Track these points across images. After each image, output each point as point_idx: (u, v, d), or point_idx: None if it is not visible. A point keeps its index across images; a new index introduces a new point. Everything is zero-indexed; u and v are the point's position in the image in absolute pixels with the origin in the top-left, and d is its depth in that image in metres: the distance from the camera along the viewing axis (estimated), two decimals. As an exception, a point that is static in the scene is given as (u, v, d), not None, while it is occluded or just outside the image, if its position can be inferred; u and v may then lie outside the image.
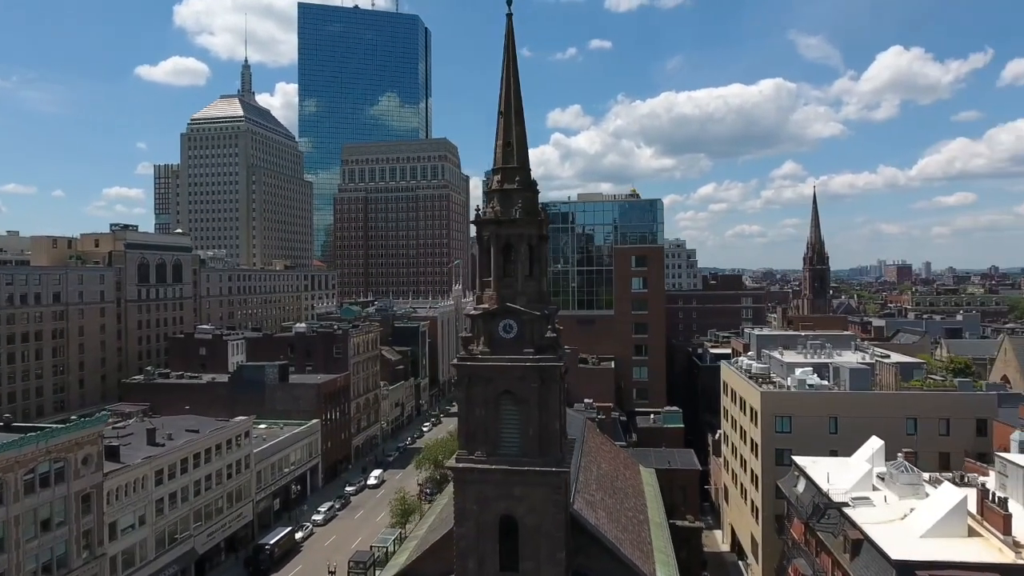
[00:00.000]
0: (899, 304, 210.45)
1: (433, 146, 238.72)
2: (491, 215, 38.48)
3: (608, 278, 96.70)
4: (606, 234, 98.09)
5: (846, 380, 61.50)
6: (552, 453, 37.22)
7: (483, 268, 39.78)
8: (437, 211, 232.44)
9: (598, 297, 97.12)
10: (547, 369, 37.17)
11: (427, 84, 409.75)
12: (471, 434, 37.83)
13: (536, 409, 37.17)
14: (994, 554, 34.24)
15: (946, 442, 58.73)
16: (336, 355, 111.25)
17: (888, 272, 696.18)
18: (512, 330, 38.05)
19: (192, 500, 68.07)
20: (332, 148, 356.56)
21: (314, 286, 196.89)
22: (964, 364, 76.28)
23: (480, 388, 37.60)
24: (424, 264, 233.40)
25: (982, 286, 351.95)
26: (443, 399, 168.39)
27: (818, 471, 49.07)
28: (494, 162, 40.03)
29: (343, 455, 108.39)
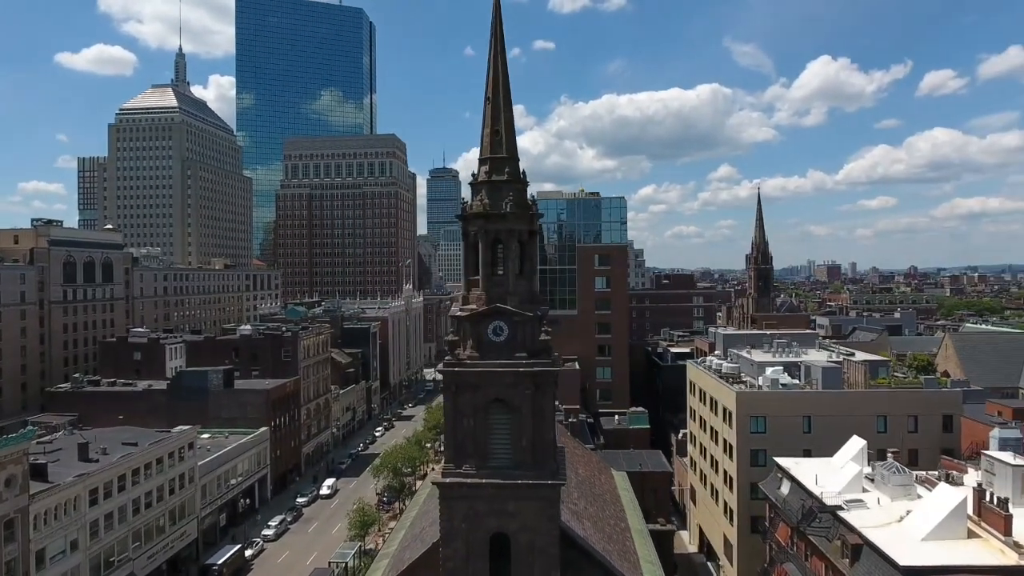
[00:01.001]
0: (838, 303, 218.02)
1: (381, 142, 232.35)
2: (479, 208, 35.58)
3: (570, 277, 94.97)
4: (568, 232, 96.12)
5: (818, 379, 61.46)
6: (547, 465, 34.62)
7: (469, 266, 36.84)
8: (385, 209, 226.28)
9: (561, 296, 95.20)
10: (542, 374, 34.55)
11: (371, 79, 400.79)
12: (458, 446, 34.81)
13: (530, 418, 34.51)
14: (997, 556, 33.72)
15: (914, 439, 59.35)
16: (285, 358, 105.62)
17: (819, 272, 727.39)
18: (503, 333, 35.25)
19: (130, 520, 62.28)
20: (270, 143, 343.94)
21: (256, 286, 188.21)
22: (926, 361, 78.13)
23: (468, 396, 34.63)
24: (372, 263, 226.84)
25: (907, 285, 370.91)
26: (395, 402, 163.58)
27: (802, 472, 48.33)
28: (480, 151, 37.14)
29: (293, 464, 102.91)
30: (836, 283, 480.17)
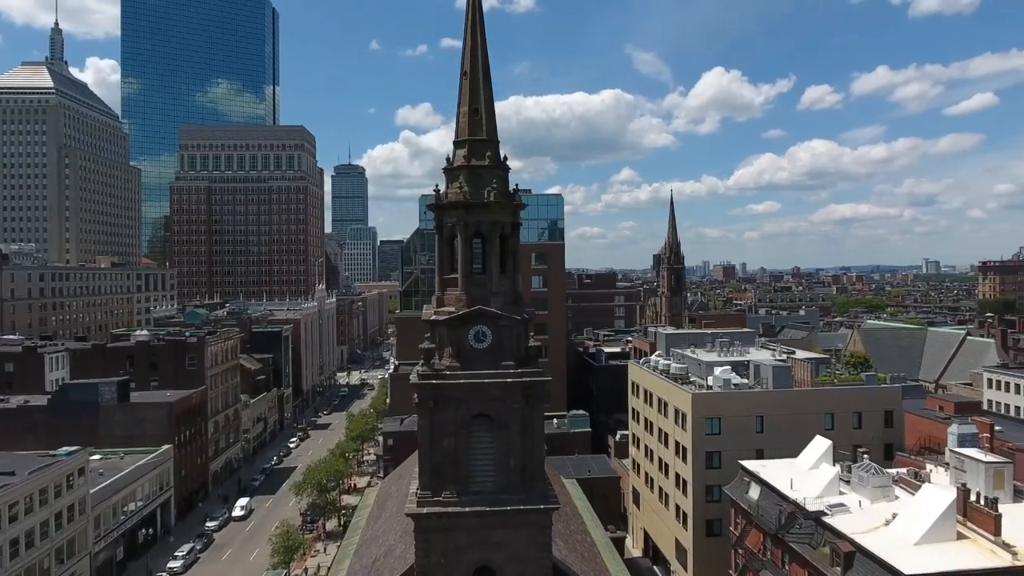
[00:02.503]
0: (744, 301, 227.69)
1: (288, 134, 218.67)
2: (458, 197, 31.13)
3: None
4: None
5: (768, 378, 61.22)
6: (537, 487, 30.76)
7: (444, 263, 32.32)
8: (293, 205, 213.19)
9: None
10: (532, 385, 30.66)
11: (274, 70, 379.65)
12: (435, 470, 30.24)
13: (518, 435, 30.51)
14: (989, 557, 33.22)
15: (858, 435, 60.12)
16: (190, 367, 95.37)
17: (715, 271, 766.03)
18: (486, 338, 31.04)
19: (7, 565, 52.52)
20: (159, 133, 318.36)
21: (149, 287, 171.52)
22: (864, 358, 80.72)
23: (448, 412, 30.16)
24: (279, 263, 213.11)
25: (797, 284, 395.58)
26: (309, 410, 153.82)
27: (771, 476, 47.23)
28: (456, 133, 32.70)
29: (200, 484, 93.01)
30: (733, 282, 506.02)
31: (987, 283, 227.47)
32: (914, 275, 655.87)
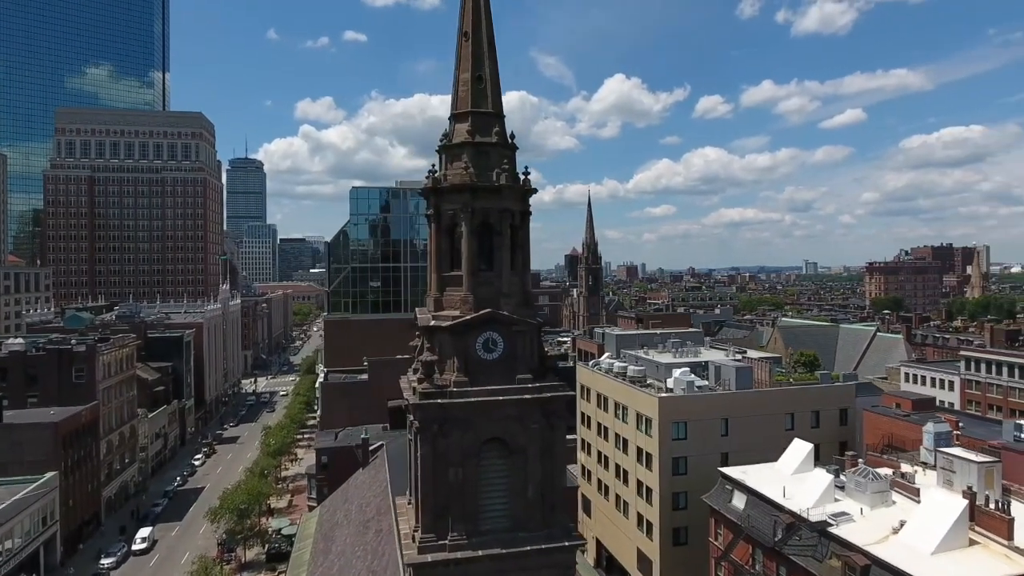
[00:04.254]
0: (660, 301, 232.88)
1: (185, 121, 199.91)
2: (462, 179, 26.10)
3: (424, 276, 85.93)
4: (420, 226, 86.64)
5: (730, 379, 59.83)
6: (559, 521, 26.34)
7: (443, 258, 27.18)
8: (191, 198, 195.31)
9: (414, 298, 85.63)
10: (552, 401, 26.18)
11: (164, 55, 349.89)
12: (439, 508, 25.08)
13: (537, 461, 25.95)
14: (1008, 564, 32.18)
15: (816, 434, 59.85)
16: (77, 380, 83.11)
17: (619, 272, 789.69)
18: (496, 347, 26.24)
19: None
20: (27, 118, 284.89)
21: (19, 287, 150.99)
22: (812, 356, 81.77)
23: (455, 437, 25.10)
24: (175, 260, 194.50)
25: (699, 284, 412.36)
26: (213, 422, 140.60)
27: (756, 483, 45.22)
28: (455, 104, 27.63)
29: (91, 513, 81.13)
30: (638, 282, 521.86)
31: (873, 282, 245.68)
32: (796, 275, 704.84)
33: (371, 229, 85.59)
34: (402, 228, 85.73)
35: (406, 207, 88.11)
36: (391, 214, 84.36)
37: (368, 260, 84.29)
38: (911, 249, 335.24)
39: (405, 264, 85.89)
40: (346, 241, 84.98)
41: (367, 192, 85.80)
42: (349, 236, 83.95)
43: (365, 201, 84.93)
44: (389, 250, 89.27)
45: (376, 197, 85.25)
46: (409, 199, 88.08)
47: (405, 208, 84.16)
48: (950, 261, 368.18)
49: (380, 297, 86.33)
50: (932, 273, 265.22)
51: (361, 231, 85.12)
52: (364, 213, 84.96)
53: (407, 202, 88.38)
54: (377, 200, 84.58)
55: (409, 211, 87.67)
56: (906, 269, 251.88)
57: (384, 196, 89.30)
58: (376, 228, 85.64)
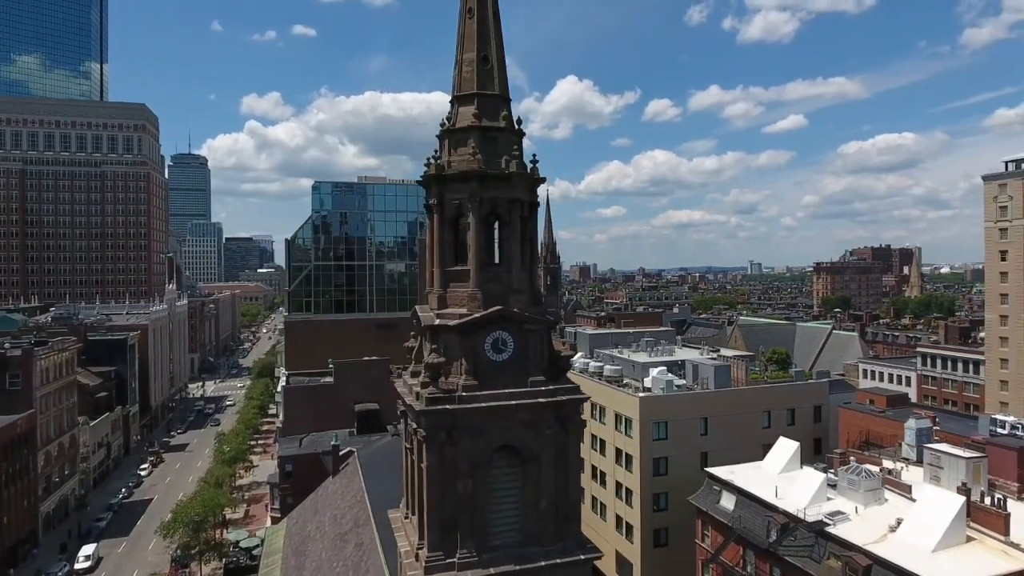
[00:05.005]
0: (619, 300, 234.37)
1: (127, 112, 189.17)
2: (470, 165, 24.13)
3: (412, 274, 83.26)
4: (412, 223, 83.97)
5: (709, 378, 59.48)
6: (573, 533, 24.65)
7: (446, 252, 25.14)
8: (133, 193, 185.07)
9: (402, 297, 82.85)
10: (567, 405, 24.49)
11: (102, 45, 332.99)
12: (447, 523, 23.05)
13: (551, 469, 24.19)
14: (1007, 560, 32.18)
15: (792, 432, 59.95)
16: (11, 386, 76.99)
17: (573, 272, 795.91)
18: (507, 348, 24.37)
19: None
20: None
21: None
22: (783, 354, 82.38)
23: (465, 445, 23.11)
24: (116, 259, 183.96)
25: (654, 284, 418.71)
26: (160, 429, 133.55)
27: (745, 483, 44.62)
28: (459, 86, 25.62)
29: (28, 531, 75.16)
30: (591, 281, 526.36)
31: (820, 282, 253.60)
32: (741, 275, 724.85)
33: (333, 226, 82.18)
34: (365, 225, 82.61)
35: (369, 203, 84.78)
36: (353, 210, 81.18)
37: (332, 258, 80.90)
38: (854, 250, 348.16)
39: (369, 263, 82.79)
40: (307, 238, 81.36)
41: (331, 187, 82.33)
42: (310, 233, 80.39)
43: (329, 197, 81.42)
44: (353, 248, 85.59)
45: (340, 193, 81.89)
46: (374, 195, 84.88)
47: (368, 204, 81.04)
48: (888, 261, 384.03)
49: (345, 296, 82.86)
50: (875, 273, 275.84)
51: (323, 228, 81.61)
52: (327, 209, 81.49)
53: (372, 198, 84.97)
54: (341, 196, 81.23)
55: (372, 207, 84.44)
56: (851, 269, 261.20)
57: (347, 192, 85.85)
58: (338, 225, 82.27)
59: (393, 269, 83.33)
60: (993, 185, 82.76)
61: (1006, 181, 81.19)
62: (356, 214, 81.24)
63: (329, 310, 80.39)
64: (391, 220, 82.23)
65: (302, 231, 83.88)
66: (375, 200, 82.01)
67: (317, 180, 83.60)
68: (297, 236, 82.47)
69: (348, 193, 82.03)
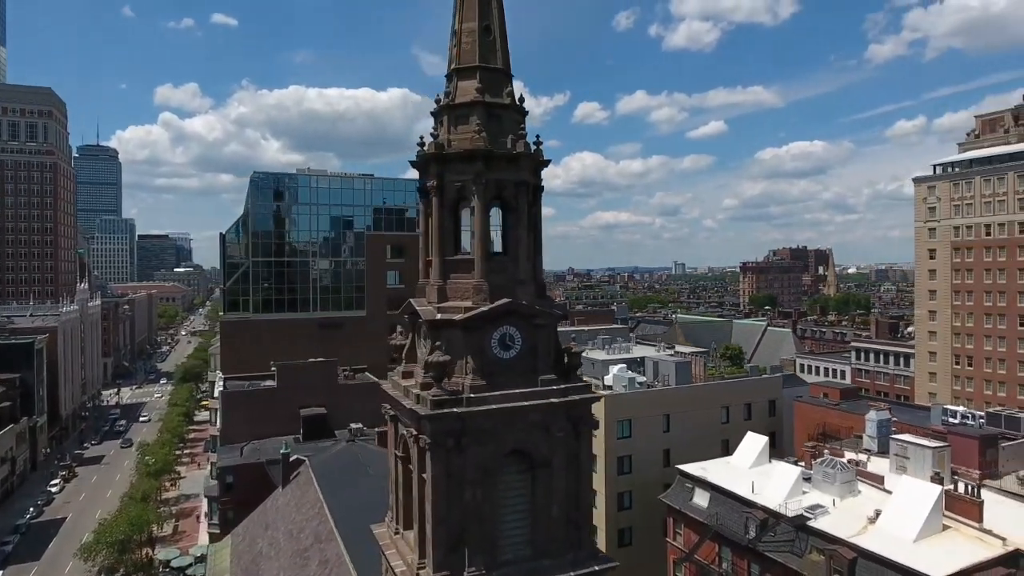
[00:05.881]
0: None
1: (31, 96, 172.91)
2: (476, 144, 21.98)
3: (357, 272, 79.43)
4: (356, 218, 79.87)
5: (669, 375, 59.34)
6: (585, 543, 22.96)
7: (445, 240, 22.96)
8: (37, 185, 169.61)
9: (347, 295, 78.82)
10: (579, 405, 22.76)
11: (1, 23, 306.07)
12: (455, 536, 20.87)
13: (562, 474, 22.39)
14: (984, 547, 32.89)
15: (749, 426, 60.76)
16: (-102, 398, 68.03)
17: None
18: (514, 344, 22.39)
19: None
20: None
21: None
22: (737, 350, 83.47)
23: (473, 452, 20.97)
24: (17, 256, 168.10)
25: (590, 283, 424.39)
26: (70, 441, 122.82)
27: (717, 479, 44.32)
28: (457, 58, 23.43)
29: (-81, 561, 66.67)
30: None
31: (747, 281, 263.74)
32: (666, 275, 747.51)
33: (272, 220, 77.28)
34: (308, 219, 78.12)
35: (311, 197, 79.73)
36: (295, 203, 76.50)
37: (272, 254, 76.03)
38: (776, 251, 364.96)
39: (312, 259, 78.35)
40: (244, 233, 76.15)
41: (271, 179, 77.35)
42: (247, 227, 75.22)
43: (268, 189, 76.43)
44: (295, 243, 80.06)
45: (282, 184, 77.04)
46: (317, 188, 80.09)
47: (310, 198, 76.46)
48: (805, 261, 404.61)
49: (286, 295, 77.87)
50: (795, 272, 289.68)
51: (262, 221, 76.57)
52: (265, 202, 76.48)
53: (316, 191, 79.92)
54: (283, 187, 76.44)
55: (316, 201, 79.66)
56: (774, 268, 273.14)
57: (288, 184, 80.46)
58: (278, 219, 77.40)
59: (338, 266, 79.24)
60: (923, 187, 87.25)
61: (935, 183, 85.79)
62: (299, 207, 76.65)
63: (269, 309, 75.55)
64: (336, 214, 78.17)
65: (238, 225, 78.55)
66: (319, 193, 77.68)
67: (255, 172, 78.32)
68: (232, 231, 77.15)
69: (290, 186, 77.36)
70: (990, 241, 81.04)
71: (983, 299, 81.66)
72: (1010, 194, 79.46)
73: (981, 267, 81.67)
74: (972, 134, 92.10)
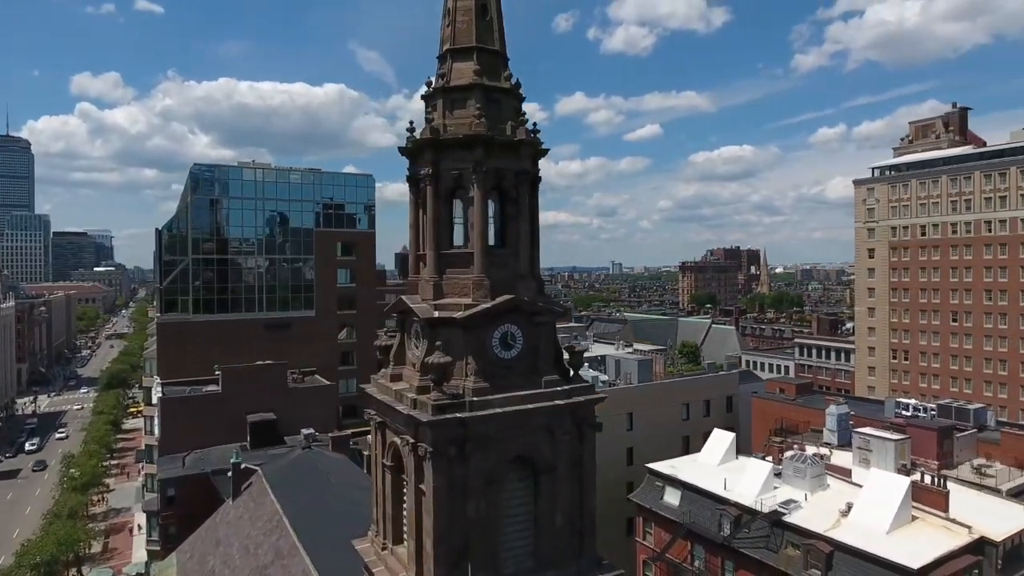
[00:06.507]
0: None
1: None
2: (479, 129, 20.51)
3: (309, 270, 75.86)
4: (303, 214, 76.11)
5: (632, 373, 59.27)
6: (589, 552, 21.87)
7: (441, 232, 21.40)
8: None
9: (295, 294, 75.09)
10: (584, 407, 21.68)
11: None
12: (458, 551, 19.39)
13: (566, 480, 21.24)
14: (952, 536, 33.82)
15: (708, 422, 61.58)
16: None
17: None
18: (515, 343, 21.08)
19: None
20: None
21: None
22: (693, 347, 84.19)
23: (477, 460, 19.53)
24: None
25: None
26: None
27: (688, 477, 44.27)
28: (452, 38, 21.92)
29: None
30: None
31: (686, 280, 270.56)
32: (604, 275, 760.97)
33: (213, 215, 72.78)
34: (252, 215, 74.01)
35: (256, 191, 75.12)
36: (237, 197, 72.17)
37: (214, 251, 71.55)
38: (714, 250, 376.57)
39: (257, 256, 74.31)
40: (183, 228, 71.36)
41: (212, 171, 72.67)
42: (186, 223, 70.47)
43: (209, 183, 71.78)
44: (239, 240, 75.12)
45: (224, 178, 72.50)
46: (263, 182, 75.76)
47: (255, 192, 72.28)
48: (738, 261, 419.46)
49: (230, 295, 73.32)
50: (731, 272, 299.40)
51: (202, 217, 72.00)
52: (208, 195, 71.87)
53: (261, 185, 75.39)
54: (225, 181, 71.98)
55: (261, 195, 75.22)
56: (712, 268, 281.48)
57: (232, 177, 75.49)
58: (218, 214, 72.96)
59: (285, 264, 75.47)
60: (863, 189, 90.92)
61: (874, 186, 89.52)
62: (244, 202, 72.37)
63: (210, 310, 71.14)
64: (283, 210, 74.36)
65: (176, 221, 73.68)
66: (264, 188, 73.67)
67: (196, 164, 73.53)
68: (170, 226, 72.24)
69: (233, 179, 73.03)
70: (925, 241, 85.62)
71: (919, 296, 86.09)
72: (943, 196, 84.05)
73: (917, 266, 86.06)
74: (906, 139, 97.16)
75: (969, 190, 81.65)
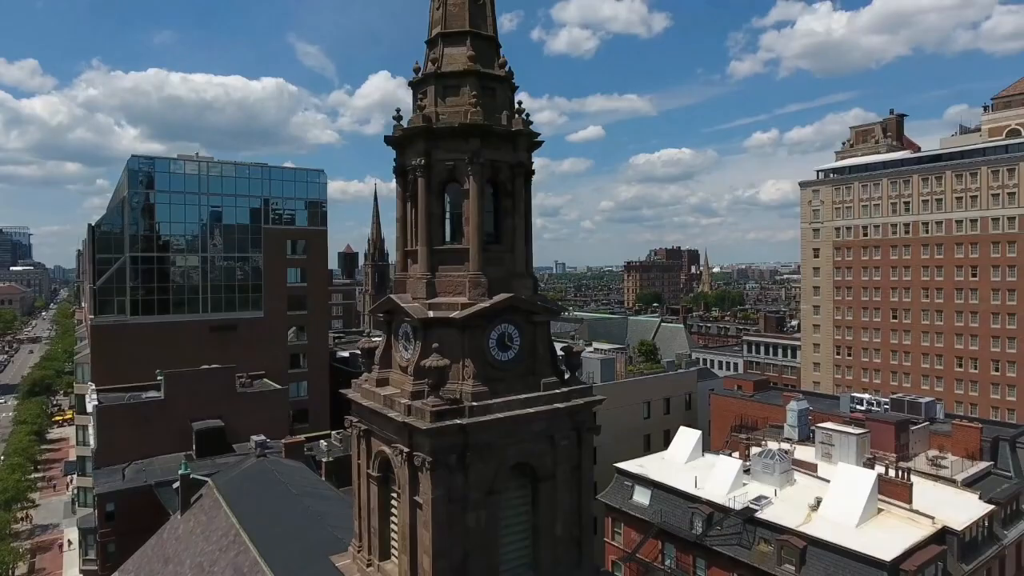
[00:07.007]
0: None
1: None
2: (475, 119, 19.35)
3: (256, 269, 72.31)
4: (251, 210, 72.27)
5: (595, 372, 59.01)
6: (587, 561, 21.07)
7: (434, 228, 20.17)
8: None
9: (242, 294, 71.37)
10: (583, 410, 20.81)
11: None
12: (457, 564, 18.23)
13: (565, 487, 20.36)
14: (917, 527, 34.73)
15: (668, 420, 62.20)
16: None
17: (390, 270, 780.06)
18: (513, 344, 20.06)
19: None
20: None
21: None
22: (651, 347, 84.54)
23: (477, 469, 18.40)
24: None
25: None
26: None
27: (658, 476, 44.22)
28: (442, 24, 20.73)
29: None
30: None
31: (631, 279, 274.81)
32: (548, 274, 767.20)
33: (152, 210, 68.31)
34: (194, 209, 69.98)
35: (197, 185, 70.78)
36: (179, 191, 67.87)
37: (154, 248, 67.18)
38: (658, 250, 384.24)
39: (200, 253, 70.29)
40: (119, 224, 66.75)
41: (151, 163, 68.17)
42: (123, 218, 65.91)
43: (146, 174, 67.33)
44: (180, 236, 70.52)
45: (164, 171, 68.08)
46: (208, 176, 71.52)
47: (197, 186, 68.19)
48: (679, 261, 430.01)
49: (171, 295, 68.93)
50: (674, 271, 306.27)
51: (140, 212, 67.60)
52: (146, 190, 67.41)
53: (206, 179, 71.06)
54: (165, 174, 67.57)
55: (204, 189, 70.99)
56: (656, 268, 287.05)
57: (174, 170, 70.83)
58: (158, 209, 68.57)
59: (231, 262, 71.74)
60: (808, 191, 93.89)
61: (819, 188, 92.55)
62: (186, 197, 68.17)
63: (150, 311, 66.87)
64: (229, 204, 70.57)
65: (111, 216, 68.81)
66: (209, 182, 69.69)
67: (134, 156, 68.87)
68: (105, 222, 67.51)
69: (174, 173, 68.80)
70: (867, 241, 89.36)
71: (861, 294, 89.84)
72: (884, 198, 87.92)
73: (860, 265, 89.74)
74: (848, 143, 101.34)
75: (908, 193, 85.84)
